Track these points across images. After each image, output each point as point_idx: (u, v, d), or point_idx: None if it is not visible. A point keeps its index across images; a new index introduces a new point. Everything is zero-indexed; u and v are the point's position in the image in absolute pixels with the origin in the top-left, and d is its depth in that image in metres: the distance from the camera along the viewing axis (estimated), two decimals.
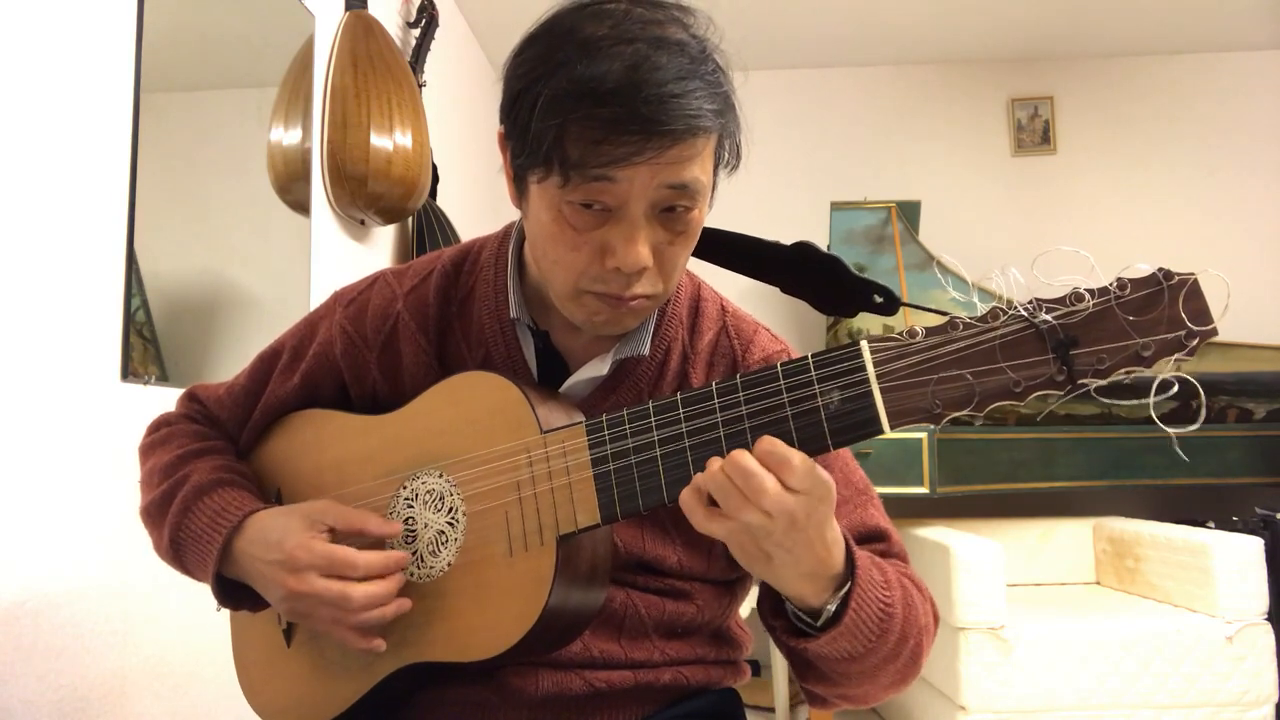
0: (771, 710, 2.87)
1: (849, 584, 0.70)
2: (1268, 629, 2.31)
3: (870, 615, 0.70)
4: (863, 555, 0.72)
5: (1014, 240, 3.66)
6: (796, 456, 0.63)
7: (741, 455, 0.64)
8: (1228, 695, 2.28)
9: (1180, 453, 2.70)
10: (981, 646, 2.27)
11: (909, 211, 3.29)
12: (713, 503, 0.66)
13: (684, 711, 0.87)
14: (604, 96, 0.66)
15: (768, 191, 3.60)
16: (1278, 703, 2.31)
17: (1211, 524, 2.83)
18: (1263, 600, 2.33)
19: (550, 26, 0.72)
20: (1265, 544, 2.39)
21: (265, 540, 0.79)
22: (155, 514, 0.88)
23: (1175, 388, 0.57)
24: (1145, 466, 2.89)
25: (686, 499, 0.67)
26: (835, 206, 3.30)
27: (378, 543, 0.82)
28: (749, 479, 0.63)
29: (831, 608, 0.70)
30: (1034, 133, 3.75)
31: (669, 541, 0.85)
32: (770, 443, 0.64)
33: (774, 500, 0.63)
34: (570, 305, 0.78)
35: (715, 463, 0.65)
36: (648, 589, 0.85)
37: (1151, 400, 0.57)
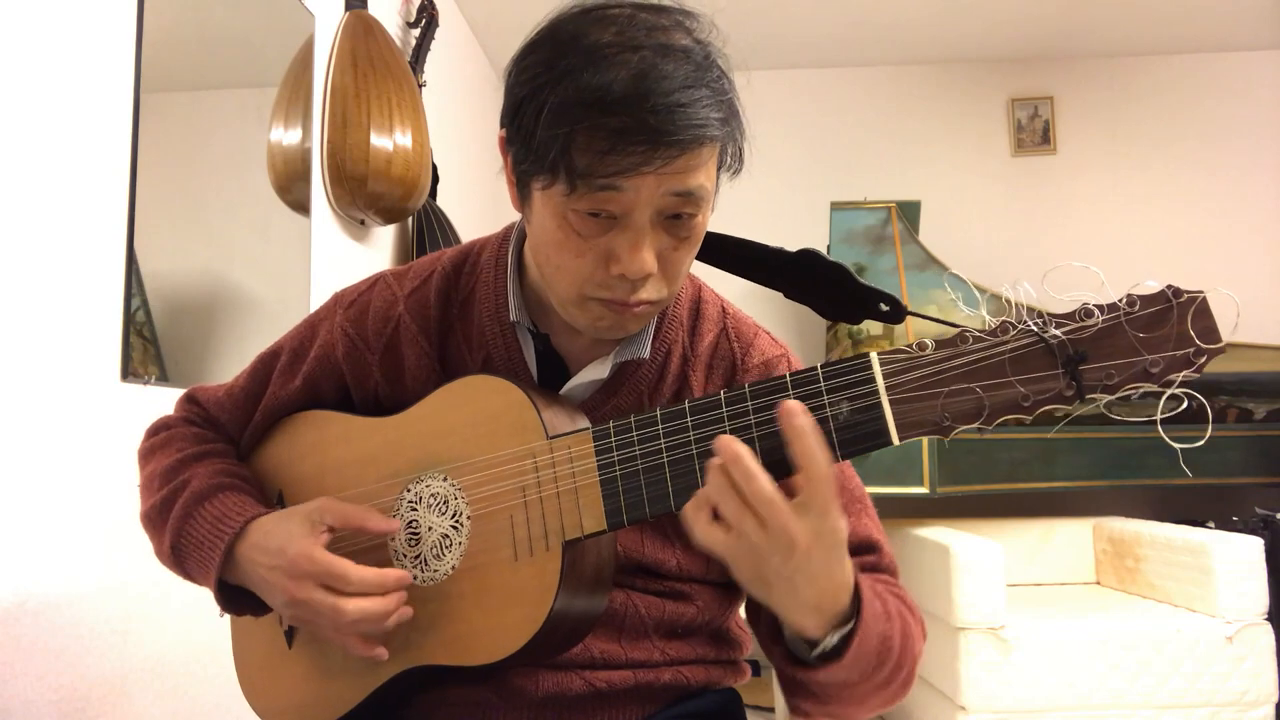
0: (771, 710, 2.87)
1: (852, 622, 0.69)
2: (1268, 629, 2.31)
3: (869, 650, 0.69)
4: (868, 591, 0.71)
5: (1014, 240, 3.66)
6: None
7: (745, 454, 0.62)
8: (1228, 695, 2.28)
9: (1186, 469, 2.70)
10: (981, 646, 2.27)
11: (909, 211, 3.29)
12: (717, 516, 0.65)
13: (684, 711, 0.87)
14: (611, 106, 0.66)
15: (768, 191, 3.59)
16: (1278, 703, 2.31)
17: (1211, 524, 2.84)
18: (1263, 600, 2.33)
19: (553, 32, 0.72)
20: (1265, 544, 2.39)
21: (267, 546, 0.79)
22: (156, 519, 0.88)
23: (1185, 404, 0.57)
24: (1145, 466, 2.89)
25: (689, 509, 0.65)
26: (835, 206, 3.30)
27: (380, 542, 0.82)
28: (749, 481, 0.62)
29: (832, 641, 0.69)
30: (1034, 133, 3.76)
31: (668, 545, 0.85)
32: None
33: (770, 509, 0.62)
34: (574, 311, 0.77)
35: (716, 463, 0.63)
36: (647, 590, 0.85)
37: (1159, 416, 0.57)
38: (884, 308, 0.78)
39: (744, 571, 0.66)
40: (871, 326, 3.18)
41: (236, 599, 0.86)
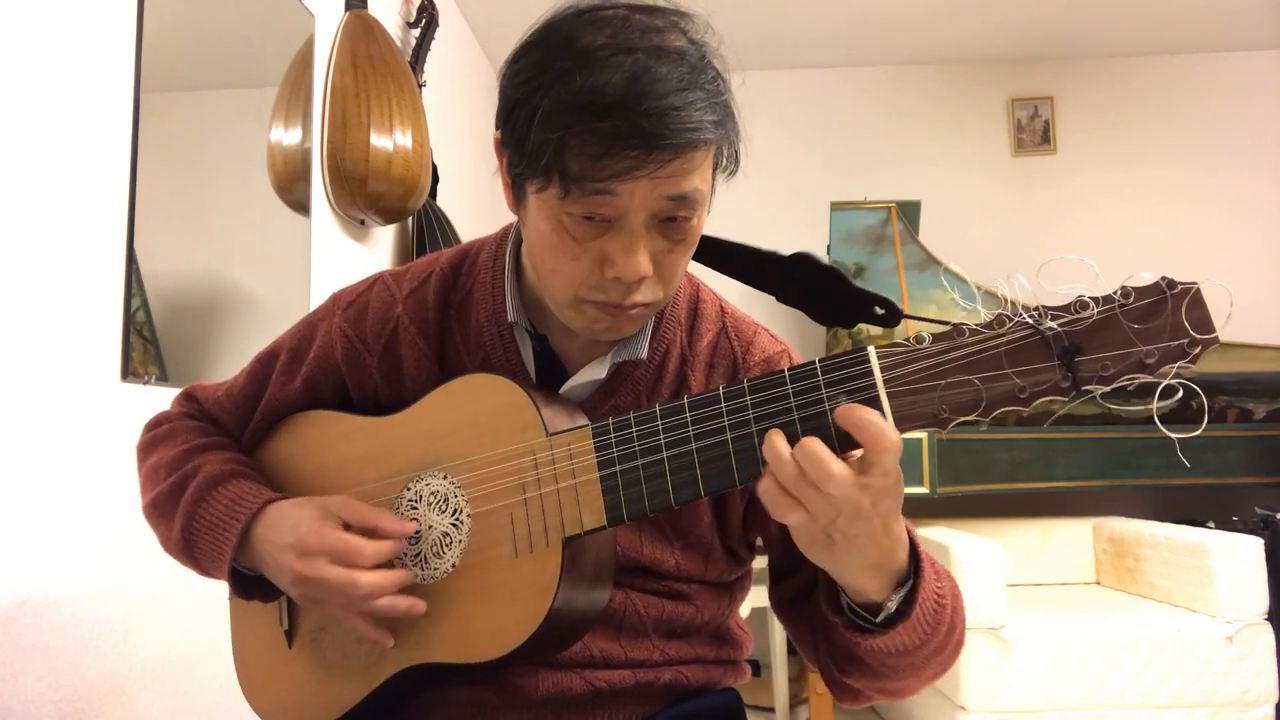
0: (771, 710, 2.87)
1: (912, 580, 0.70)
2: (1268, 629, 2.32)
3: (929, 609, 0.70)
4: (920, 546, 0.72)
5: (1014, 240, 3.66)
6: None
7: (812, 442, 0.62)
8: (1228, 695, 2.28)
9: (1183, 458, 2.70)
10: (981, 646, 2.27)
11: (909, 211, 3.29)
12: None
13: (684, 711, 0.87)
14: (604, 109, 0.65)
15: (767, 192, 3.60)
16: (1278, 703, 2.31)
17: (1211, 524, 2.84)
18: (1263, 600, 2.33)
19: (547, 34, 0.72)
20: (1265, 544, 2.39)
21: (280, 525, 0.80)
22: (164, 506, 0.88)
23: (1180, 394, 0.57)
24: (1145, 466, 2.89)
25: (767, 490, 0.65)
26: (835, 206, 3.30)
27: None
28: (816, 465, 0.62)
29: (893, 605, 0.70)
30: (1034, 133, 3.76)
31: (666, 544, 0.85)
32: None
33: (840, 486, 0.61)
34: (569, 313, 0.78)
35: (785, 450, 0.63)
36: (646, 590, 0.85)
37: (1155, 406, 0.57)
38: (879, 311, 0.78)
39: (808, 535, 0.66)
40: (870, 328, 3.18)
41: (247, 585, 0.86)
